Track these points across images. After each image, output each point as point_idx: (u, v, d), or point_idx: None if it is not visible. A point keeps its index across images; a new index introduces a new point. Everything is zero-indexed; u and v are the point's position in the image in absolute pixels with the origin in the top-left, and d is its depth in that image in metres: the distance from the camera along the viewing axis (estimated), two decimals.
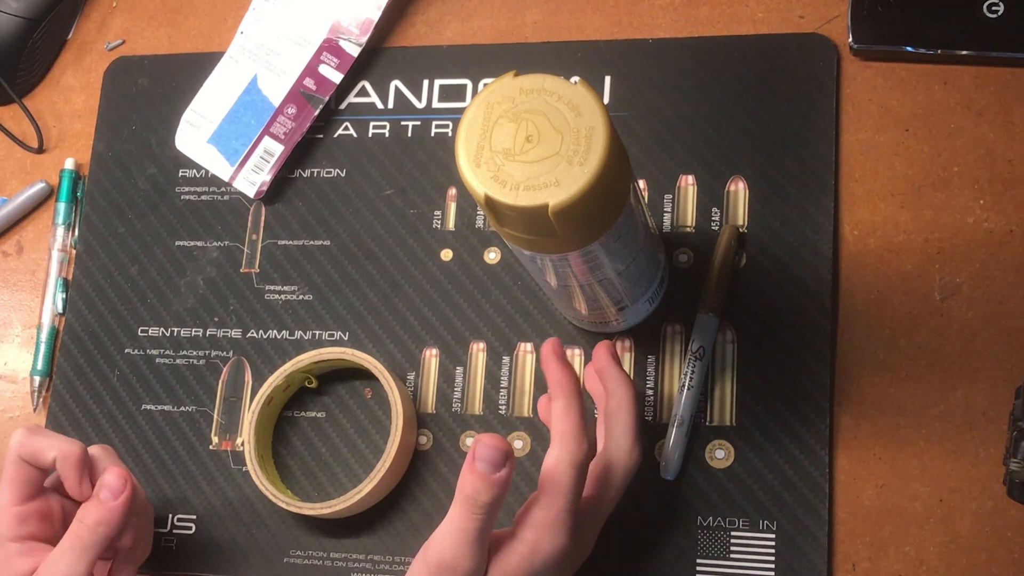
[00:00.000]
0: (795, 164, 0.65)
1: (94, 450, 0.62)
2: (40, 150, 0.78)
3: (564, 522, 0.52)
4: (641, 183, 0.67)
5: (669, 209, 0.67)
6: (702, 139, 0.67)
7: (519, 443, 0.65)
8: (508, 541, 0.53)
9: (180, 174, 0.74)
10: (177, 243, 0.73)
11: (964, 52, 0.64)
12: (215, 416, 0.69)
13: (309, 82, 0.72)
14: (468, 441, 0.65)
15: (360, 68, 0.73)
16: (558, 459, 0.53)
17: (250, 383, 0.69)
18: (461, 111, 0.70)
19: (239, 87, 0.74)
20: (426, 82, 0.72)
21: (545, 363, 0.56)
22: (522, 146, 0.48)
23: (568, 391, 0.54)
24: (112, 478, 0.59)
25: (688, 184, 0.67)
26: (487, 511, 0.50)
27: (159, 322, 0.71)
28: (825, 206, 0.64)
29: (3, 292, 0.76)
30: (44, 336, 0.73)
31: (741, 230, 0.65)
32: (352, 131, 0.72)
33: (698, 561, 0.61)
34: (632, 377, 0.64)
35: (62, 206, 0.75)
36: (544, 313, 0.66)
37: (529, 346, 0.66)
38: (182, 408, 0.70)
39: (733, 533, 0.61)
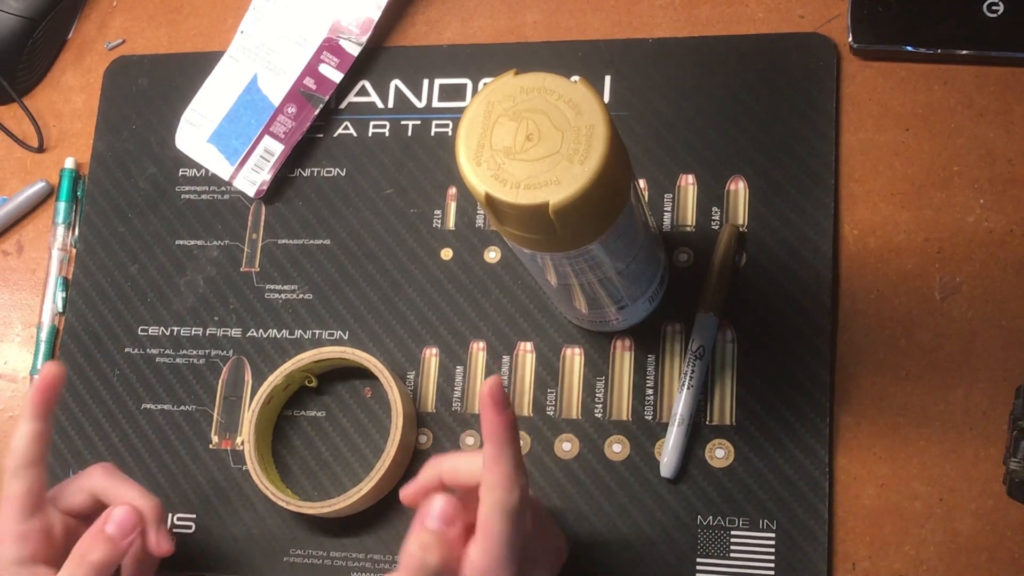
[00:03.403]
0: (795, 164, 0.65)
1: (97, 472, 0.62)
2: (40, 149, 0.78)
3: (505, 564, 0.51)
4: (641, 182, 0.67)
5: (669, 208, 0.67)
6: (702, 139, 0.67)
7: (520, 442, 0.64)
8: None
9: (180, 173, 0.74)
10: (177, 242, 0.73)
11: (964, 52, 0.64)
12: (215, 415, 0.69)
13: (309, 81, 0.72)
14: (468, 441, 0.65)
15: (360, 67, 0.73)
16: (490, 505, 0.51)
17: (250, 382, 0.69)
18: (461, 110, 0.71)
19: (239, 86, 0.74)
20: (426, 82, 0.72)
21: (481, 406, 0.51)
22: (522, 145, 0.48)
23: (499, 438, 0.51)
24: (123, 515, 0.58)
25: (688, 184, 0.67)
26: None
27: (159, 321, 0.71)
28: (825, 206, 0.64)
29: (3, 291, 0.76)
30: (44, 335, 0.73)
31: (741, 230, 0.65)
32: (352, 130, 0.72)
33: (698, 561, 0.61)
34: (632, 377, 0.64)
35: (62, 205, 0.75)
36: (544, 313, 0.66)
37: (529, 345, 0.66)
38: (182, 407, 0.70)
39: (733, 533, 0.61)
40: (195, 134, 0.74)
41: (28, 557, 0.57)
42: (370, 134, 0.72)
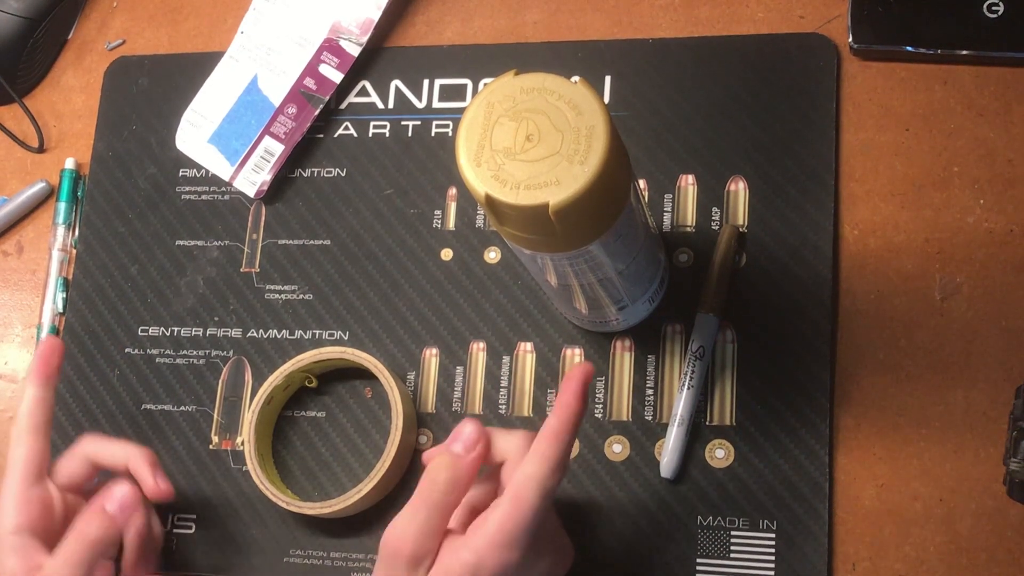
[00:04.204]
0: (795, 164, 0.65)
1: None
2: (40, 150, 0.78)
3: (519, 541, 0.50)
4: (641, 183, 0.67)
5: (669, 209, 0.67)
6: (702, 139, 0.67)
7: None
8: (458, 544, 0.51)
9: (180, 174, 0.74)
10: (177, 243, 0.73)
11: (964, 52, 0.64)
12: (215, 416, 0.69)
13: (309, 82, 0.72)
14: None
15: (360, 68, 0.73)
16: (530, 476, 0.50)
17: (250, 383, 0.69)
18: (461, 111, 0.71)
19: (239, 87, 0.74)
20: (426, 82, 0.72)
21: (566, 384, 0.52)
22: (523, 145, 0.48)
23: (567, 420, 0.52)
24: (122, 493, 0.59)
25: (688, 184, 0.67)
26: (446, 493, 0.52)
27: (159, 322, 0.71)
28: (825, 206, 0.64)
29: (3, 292, 0.76)
30: (44, 335, 0.73)
31: (741, 230, 0.65)
32: (352, 131, 0.72)
33: (698, 561, 0.61)
34: (632, 377, 0.64)
35: (62, 206, 0.75)
36: (544, 313, 0.66)
37: (529, 345, 0.66)
38: (182, 408, 0.70)
39: (733, 533, 0.61)
40: (195, 134, 0.74)
41: (25, 526, 0.58)
42: (370, 134, 0.72)
